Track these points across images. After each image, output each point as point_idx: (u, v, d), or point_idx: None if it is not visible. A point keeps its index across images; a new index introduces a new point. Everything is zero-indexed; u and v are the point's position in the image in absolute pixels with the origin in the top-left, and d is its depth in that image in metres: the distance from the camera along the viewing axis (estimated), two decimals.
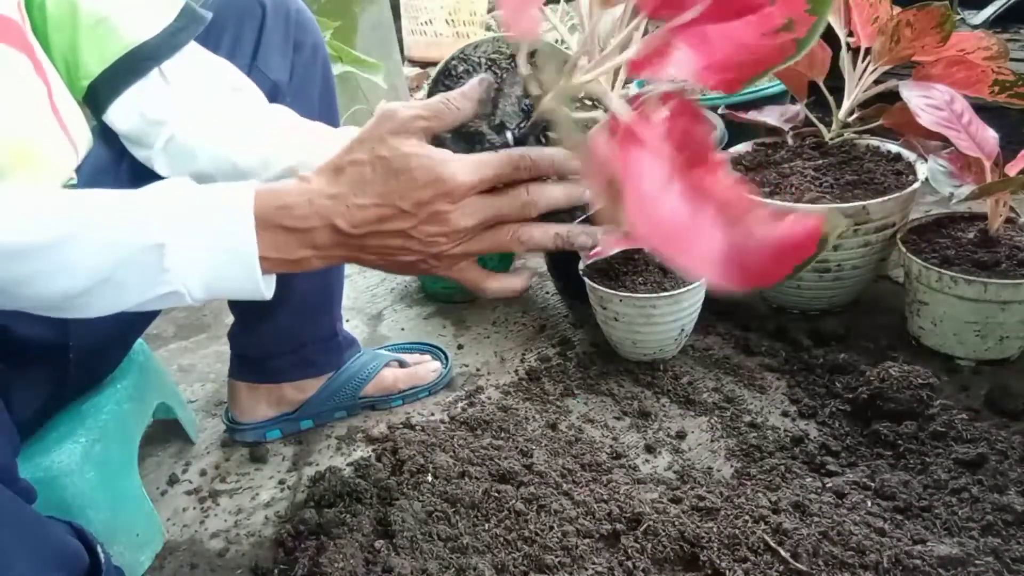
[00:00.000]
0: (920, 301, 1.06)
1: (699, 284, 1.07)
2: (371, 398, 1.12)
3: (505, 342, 1.27)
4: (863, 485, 0.87)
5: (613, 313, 1.10)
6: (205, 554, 0.91)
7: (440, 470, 0.96)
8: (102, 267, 0.51)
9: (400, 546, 0.84)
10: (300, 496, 0.98)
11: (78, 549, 0.64)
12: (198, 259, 0.52)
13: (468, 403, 1.12)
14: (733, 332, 1.20)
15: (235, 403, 1.08)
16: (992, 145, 1.01)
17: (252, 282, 0.53)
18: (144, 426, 0.96)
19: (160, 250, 0.51)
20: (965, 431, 0.91)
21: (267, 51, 0.86)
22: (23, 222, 0.50)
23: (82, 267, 0.50)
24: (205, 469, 1.06)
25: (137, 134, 0.76)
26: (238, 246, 0.52)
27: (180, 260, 0.51)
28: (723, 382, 1.10)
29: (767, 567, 0.76)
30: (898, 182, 1.12)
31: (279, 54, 0.87)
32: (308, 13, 0.92)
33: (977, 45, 1.08)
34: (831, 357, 1.09)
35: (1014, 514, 0.79)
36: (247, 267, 0.53)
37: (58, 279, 0.50)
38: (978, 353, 1.04)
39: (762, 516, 0.82)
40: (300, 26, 0.89)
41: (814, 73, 1.17)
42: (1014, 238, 1.04)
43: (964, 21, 1.79)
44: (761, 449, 0.95)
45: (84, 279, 0.51)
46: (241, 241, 0.52)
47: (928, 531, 0.79)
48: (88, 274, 0.51)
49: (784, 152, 1.25)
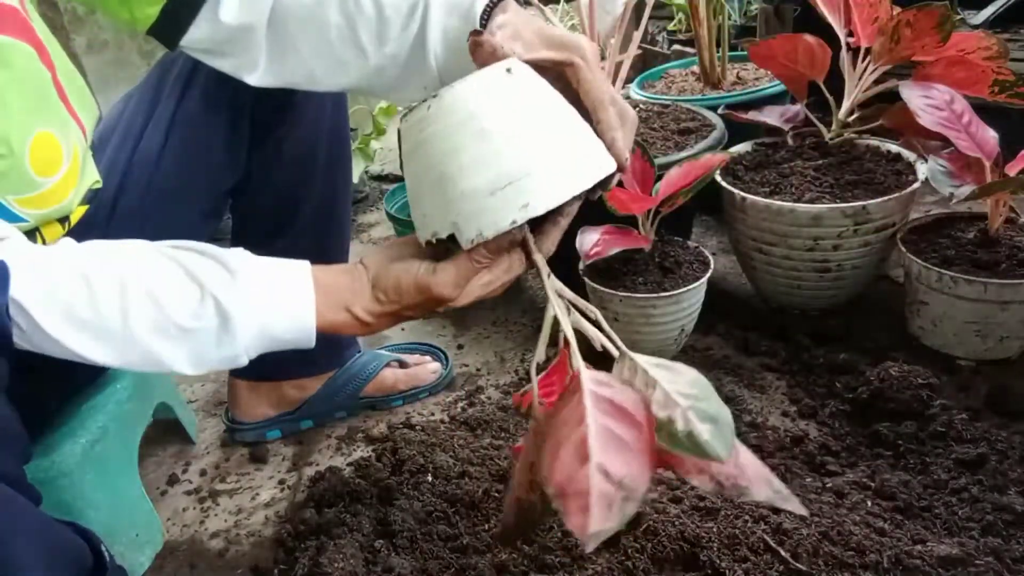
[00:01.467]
0: (920, 301, 1.06)
1: (699, 284, 1.07)
2: (371, 398, 1.12)
3: (505, 342, 1.27)
4: (863, 485, 0.87)
5: (613, 313, 1.10)
6: (205, 554, 0.91)
7: (440, 470, 0.96)
8: (187, 365, 0.59)
9: (400, 546, 0.84)
10: (300, 496, 0.98)
11: (84, 549, 0.65)
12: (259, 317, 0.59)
13: (468, 403, 1.12)
14: (733, 332, 1.20)
15: (235, 403, 1.08)
16: (992, 145, 1.01)
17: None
18: (144, 426, 0.96)
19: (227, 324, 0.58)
20: (965, 431, 0.91)
21: None
22: (118, 341, 0.56)
23: (171, 367, 0.58)
24: (205, 469, 1.06)
25: (223, 40, 0.70)
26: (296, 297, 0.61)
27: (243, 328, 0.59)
28: (723, 382, 1.10)
29: (767, 567, 0.76)
30: (898, 182, 1.12)
31: None
32: None
33: (977, 45, 1.08)
34: (831, 357, 1.09)
35: (1014, 514, 0.79)
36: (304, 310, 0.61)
37: (143, 368, 0.59)
38: (978, 353, 1.04)
39: (762, 516, 0.82)
40: None
41: (814, 73, 1.17)
42: (1014, 238, 1.04)
43: (964, 21, 1.79)
44: (761, 449, 0.95)
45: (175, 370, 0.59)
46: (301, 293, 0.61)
47: (928, 531, 0.79)
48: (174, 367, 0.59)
49: (784, 152, 1.25)
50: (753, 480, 0.44)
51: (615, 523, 0.39)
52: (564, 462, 0.42)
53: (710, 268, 1.10)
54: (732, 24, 2.18)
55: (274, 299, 0.60)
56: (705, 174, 1.06)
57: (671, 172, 1.08)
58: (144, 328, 0.56)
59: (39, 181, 0.67)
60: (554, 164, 0.55)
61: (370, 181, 2.12)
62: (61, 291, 0.53)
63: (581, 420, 0.44)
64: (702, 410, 0.44)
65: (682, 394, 0.45)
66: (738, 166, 1.24)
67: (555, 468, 0.42)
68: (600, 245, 1.04)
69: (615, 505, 0.39)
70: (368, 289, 0.62)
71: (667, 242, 1.16)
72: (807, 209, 1.08)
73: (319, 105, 0.91)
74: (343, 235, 1.04)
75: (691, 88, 1.61)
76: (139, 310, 0.55)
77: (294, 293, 0.61)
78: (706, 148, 1.20)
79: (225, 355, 0.59)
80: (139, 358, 0.57)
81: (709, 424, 0.43)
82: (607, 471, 0.41)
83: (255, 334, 0.59)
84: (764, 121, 1.28)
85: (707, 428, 0.43)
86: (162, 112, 0.85)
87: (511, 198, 0.54)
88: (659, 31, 2.61)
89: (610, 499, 0.40)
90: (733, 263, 1.35)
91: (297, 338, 0.61)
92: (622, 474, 0.41)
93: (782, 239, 1.12)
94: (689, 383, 0.46)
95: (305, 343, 0.62)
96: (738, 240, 1.21)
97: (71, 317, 0.54)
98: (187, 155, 0.85)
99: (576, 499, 0.40)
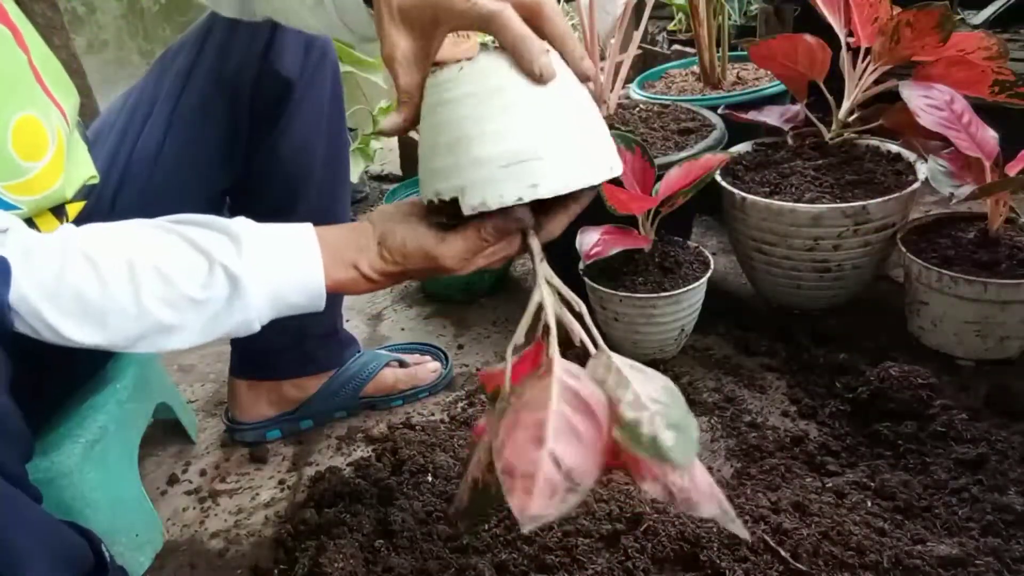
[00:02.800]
0: (920, 301, 1.06)
1: (699, 284, 1.08)
2: (371, 398, 1.12)
3: (505, 342, 1.27)
4: (863, 485, 0.87)
5: (613, 313, 1.10)
6: (205, 554, 0.91)
7: (440, 470, 0.96)
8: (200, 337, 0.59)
9: (400, 546, 0.84)
10: (300, 496, 0.98)
11: (85, 548, 0.65)
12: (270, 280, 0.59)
13: (468, 403, 1.12)
14: (733, 332, 1.20)
15: (235, 402, 1.08)
16: (992, 145, 1.01)
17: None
18: (144, 426, 0.96)
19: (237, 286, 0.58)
20: (965, 431, 0.91)
21: (280, 47, 0.86)
22: (130, 320, 0.55)
23: (184, 343, 0.58)
24: (205, 469, 1.06)
25: None
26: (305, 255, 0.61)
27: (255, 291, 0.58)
28: (723, 382, 1.10)
29: (767, 567, 0.76)
30: (898, 182, 1.12)
31: (291, 52, 0.87)
32: None
33: (977, 45, 1.08)
34: (831, 357, 1.09)
35: (1014, 514, 0.79)
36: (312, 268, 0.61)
37: (154, 347, 0.58)
38: (978, 353, 1.04)
39: (762, 516, 0.82)
40: None
41: (814, 73, 1.17)
42: (1014, 238, 1.04)
43: (964, 21, 1.79)
44: (761, 449, 0.95)
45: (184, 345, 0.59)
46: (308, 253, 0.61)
47: (928, 531, 0.79)
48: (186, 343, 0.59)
49: (784, 152, 1.25)
50: (704, 496, 0.44)
51: (555, 511, 0.40)
52: (518, 441, 0.43)
53: (710, 268, 1.10)
54: (732, 24, 2.18)
55: (282, 261, 0.59)
56: (705, 174, 1.06)
57: (671, 172, 1.08)
58: (155, 304, 0.55)
59: (25, 166, 0.65)
60: (569, 153, 0.56)
61: (370, 181, 2.12)
62: (68, 275, 0.53)
63: (544, 405, 0.44)
64: (669, 417, 0.45)
65: (652, 399, 0.46)
66: (738, 166, 1.24)
67: (508, 446, 0.43)
68: (600, 245, 1.04)
69: (559, 494, 0.40)
70: (374, 246, 0.63)
71: (667, 242, 1.16)
72: (807, 209, 1.08)
73: (317, 100, 0.91)
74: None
75: (691, 88, 1.61)
76: (149, 287, 0.55)
77: (301, 253, 0.60)
78: (706, 148, 1.20)
79: (238, 321, 0.58)
80: (151, 336, 0.56)
81: (674, 432, 0.44)
82: (558, 459, 0.41)
83: (266, 298, 0.59)
84: (764, 121, 1.28)
85: (671, 435, 0.44)
86: (161, 108, 0.85)
87: (522, 175, 0.54)
88: (659, 31, 2.61)
89: (555, 486, 0.41)
90: (733, 263, 1.35)
91: (308, 299, 0.61)
92: (572, 465, 0.42)
93: (782, 239, 1.12)
94: (661, 389, 0.47)
95: (316, 303, 0.62)
96: (738, 240, 1.21)
97: (79, 302, 0.53)
98: (186, 153, 0.85)
99: (523, 480, 0.41)
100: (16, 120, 0.65)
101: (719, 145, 1.23)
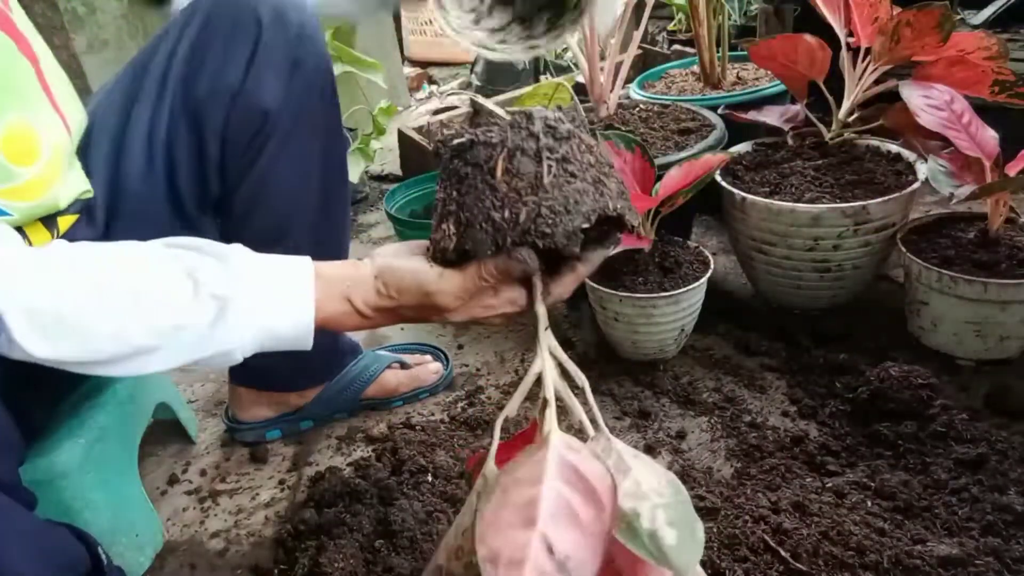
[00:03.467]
0: (920, 301, 1.06)
1: (699, 284, 1.07)
2: (373, 400, 1.12)
3: (505, 342, 1.27)
4: (863, 485, 0.87)
5: (613, 313, 1.10)
6: (205, 554, 0.91)
7: (440, 470, 0.96)
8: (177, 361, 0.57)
9: (400, 546, 0.84)
10: (300, 496, 0.98)
11: (79, 551, 0.65)
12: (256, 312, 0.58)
13: (468, 403, 1.12)
14: (733, 332, 1.20)
15: (235, 402, 1.08)
16: (992, 145, 1.01)
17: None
18: (144, 426, 0.96)
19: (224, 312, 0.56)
20: (965, 431, 0.91)
21: (259, 72, 0.79)
22: (112, 342, 0.54)
23: (161, 365, 0.57)
24: (205, 469, 1.06)
25: None
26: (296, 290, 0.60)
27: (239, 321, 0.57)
28: (723, 382, 1.10)
29: (767, 567, 0.76)
30: (898, 182, 1.12)
31: (274, 75, 0.80)
32: (313, 25, 0.82)
33: (977, 45, 1.08)
34: (831, 357, 1.09)
35: (1014, 514, 0.79)
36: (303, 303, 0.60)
37: (131, 370, 0.57)
38: (978, 353, 1.04)
39: (762, 516, 0.82)
40: (303, 40, 0.81)
41: (814, 73, 1.17)
42: (1014, 238, 1.04)
43: (964, 21, 1.79)
44: (761, 449, 0.95)
45: (160, 368, 0.57)
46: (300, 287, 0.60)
47: (928, 531, 0.79)
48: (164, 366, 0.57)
49: (784, 152, 1.25)
50: None
51: None
52: (505, 522, 0.36)
53: (710, 268, 1.10)
54: (732, 24, 2.18)
55: (273, 287, 0.58)
56: (705, 174, 1.06)
57: (671, 172, 1.08)
58: (131, 324, 0.54)
59: (15, 170, 0.65)
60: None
61: (370, 181, 2.12)
62: (47, 288, 0.52)
63: (538, 481, 0.38)
64: (674, 513, 0.39)
65: (655, 490, 0.40)
66: (738, 166, 1.24)
67: (493, 528, 0.36)
68: None
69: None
70: (370, 280, 0.61)
71: (667, 242, 1.16)
72: (807, 209, 1.08)
73: (307, 135, 0.85)
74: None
75: (691, 88, 1.61)
76: (125, 306, 0.54)
77: (294, 281, 0.59)
78: (706, 148, 1.20)
79: (220, 348, 0.57)
80: (126, 358, 0.55)
81: (676, 530, 0.38)
82: (551, 545, 0.35)
83: (252, 327, 0.57)
84: (764, 121, 1.28)
85: (674, 533, 0.38)
86: (140, 115, 0.80)
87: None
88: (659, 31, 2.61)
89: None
90: (733, 263, 1.35)
91: (296, 331, 0.59)
92: (567, 553, 0.35)
93: (782, 239, 1.12)
94: (665, 481, 0.41)
95: (303, 336, 0.60)
96: (738, 240, 1.21)
97: (58, 322, 0.52)
98: (165, 169, 0.81)
99: (508, 569, 0.34)
100: (6, 123, 0.64)
101: (719, 145, 1.23)
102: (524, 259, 0.56)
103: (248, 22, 0.78)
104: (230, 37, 0.78)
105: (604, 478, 0.39)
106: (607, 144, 1.09)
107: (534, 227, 0.54)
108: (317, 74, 0.83)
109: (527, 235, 0.54)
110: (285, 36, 0.80)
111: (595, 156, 0.59)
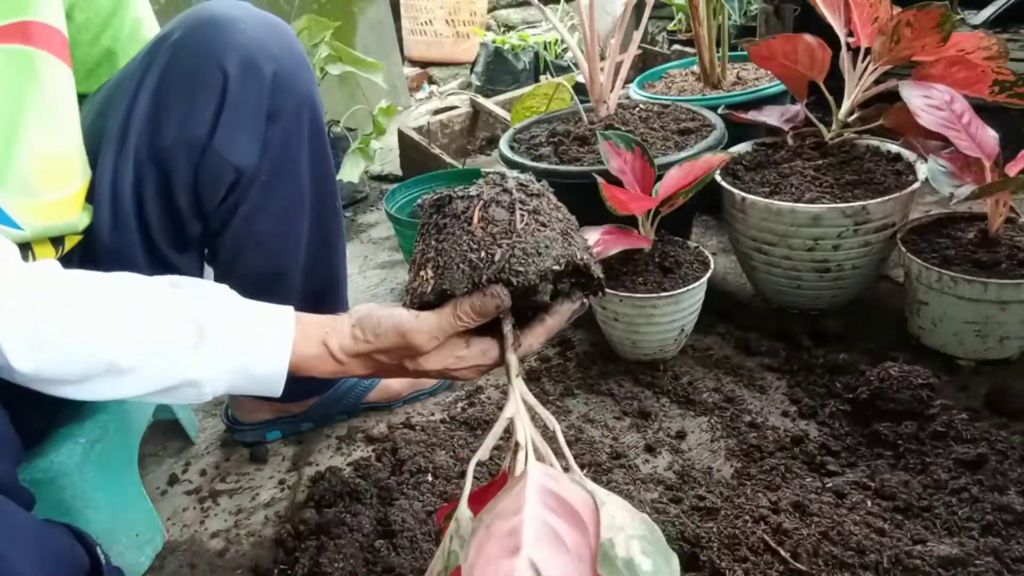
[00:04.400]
0: (920, 301, 1.06)
1: (699, 284, 1.08)
2: (373, 404, 1.12)
3: None
4: (863, 485, 0.87)
5: (613, 313, 1.10)
6: (205, 554, 0.91)
7: (440, 470, 0.96)
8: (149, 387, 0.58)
9: (400, 546, 0.84)
10: (300, 496, 0.98)
11: (78, 551, 0.65)
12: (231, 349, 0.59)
13: (468, 403, 1.12)
14: (733, 332, 1.20)
15: (235, 403, 1.08)
16: (992, 145, 1.01)
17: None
18: (144, 426, 0.96)
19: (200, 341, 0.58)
20: (965, 431, 0.91)
21: (229, 129, 0.73)
22: (86, 355, 0.55)
23: (131, 389, 0.58)
24: (205, 469, 1.06)
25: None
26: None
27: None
28: (723, 382, 1.10)
29: (767, 567, 0.76)
30: (898, 182, 1.12)
31: (247, 131, 0.75)
32: (291, 68, 0.76)
33: (977, 45, 1.08)
34: (831, 357, 1.09)
35: (1014, 514, 0.79)
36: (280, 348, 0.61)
37: (101, 392, 0.57)
38: (978, 353, 1.04)
39: (762, 516, 0.82)
40: (279, 89, 0.75)
41: (814, 73, 1.17)
42: (1014, 238, 1.04)
43: (964, 21, 1.78)
44: (761, 449, 0.95)
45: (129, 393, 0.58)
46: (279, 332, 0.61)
47: (928, 531, 0.79)
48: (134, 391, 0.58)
49: (784, 152, 1.25)
50: None
51: None
52: (492, 556, 0.35)
53: (710, 268, 1.10)
54: (732, 24, 2.18)
55: (253, 323, 0.60)
56: (705, 174, 1.06)
57: (671, 172, 1.08)
58: (115, 343, 0.55)
59: (36, 189, 0.66)
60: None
61: (370, 181, 2.12)
62: (34, 304, 0.53)
63: (519, 510, 0.37)
64: (648, 544, 0.39)
65: (629, 524, 0.40)
66: (738, 166, 1.24)
67: (479, 564, 0.35)
68: (600, 245, 1.04)
69: None
70: (348, 327, 0.63)
71: (667, 242, 1.16)
72: (807, 209, 1.08)
73: (292, 185, 0.83)
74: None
75: (691, 88, 1.61)
76: (108, 323, 0.55)
77: (273, 323, 0.61)
78: (706, 148, 1.20)
79: (194, 375, 0.58)
80: (99, 377, 0.56)
81: (652, 559, 0.38)
82: (539, 569, 0.33)
83: (228, 364, 0.59)
84: (764, 121, 1.28)
85: (650, 562, 0.38)
86: (103, 175, 0.75)
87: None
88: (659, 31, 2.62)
89: None
90: (733, 263, 1.35)
91: (269, 369, 0.60)
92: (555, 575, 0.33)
93: (782, 239, 1.12)
94: (639, 519, 0.41)
95: (276, 378, 0.61)
96: (738, 240, 1.21)
97: (36, 330, 0.53)
98: (131, 222, 0.77)
99: None
100: (44, 146, 0.66)
101: (719, 145, 1.23)
102: (497, 294, 0.58)
103: (211, 75, 0.72)
104: (192, 90, 0.73)
105: (586, 501, 0.39)
106: (607, 144, 1.09)
107: (508, 266, 0.57)
108: (299, 117, 0.79)
109: (501, 273, 0.58)
110: (257, 91, 0.74)
111: (563, 214, 0.63)
